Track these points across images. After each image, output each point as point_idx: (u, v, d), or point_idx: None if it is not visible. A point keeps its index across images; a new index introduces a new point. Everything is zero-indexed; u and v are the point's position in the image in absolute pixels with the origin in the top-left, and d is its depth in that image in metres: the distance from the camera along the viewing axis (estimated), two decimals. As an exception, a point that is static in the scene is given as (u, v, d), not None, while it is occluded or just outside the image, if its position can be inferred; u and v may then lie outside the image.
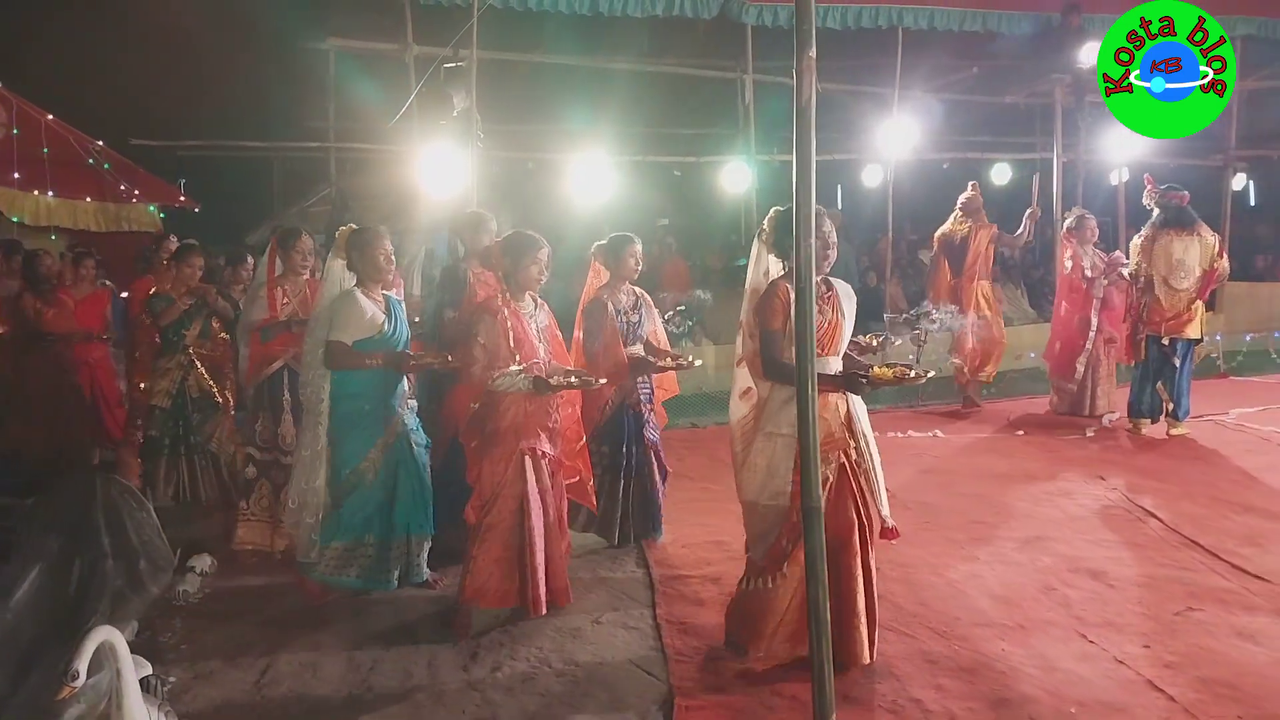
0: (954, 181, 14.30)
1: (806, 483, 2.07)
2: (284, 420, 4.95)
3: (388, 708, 3.44)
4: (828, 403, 3.52)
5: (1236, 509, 5.30)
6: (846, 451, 3.56)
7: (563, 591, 4.17)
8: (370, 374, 4.24)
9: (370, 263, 4.28)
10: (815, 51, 1.80)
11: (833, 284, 3.68)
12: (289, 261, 5.01)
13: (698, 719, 3.26)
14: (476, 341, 3.96)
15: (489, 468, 4.00)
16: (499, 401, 3.99)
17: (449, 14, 8.63)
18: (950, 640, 3.77)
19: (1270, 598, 4.07)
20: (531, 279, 4.12)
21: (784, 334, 3.49)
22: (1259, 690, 3.27)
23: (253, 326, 4.94)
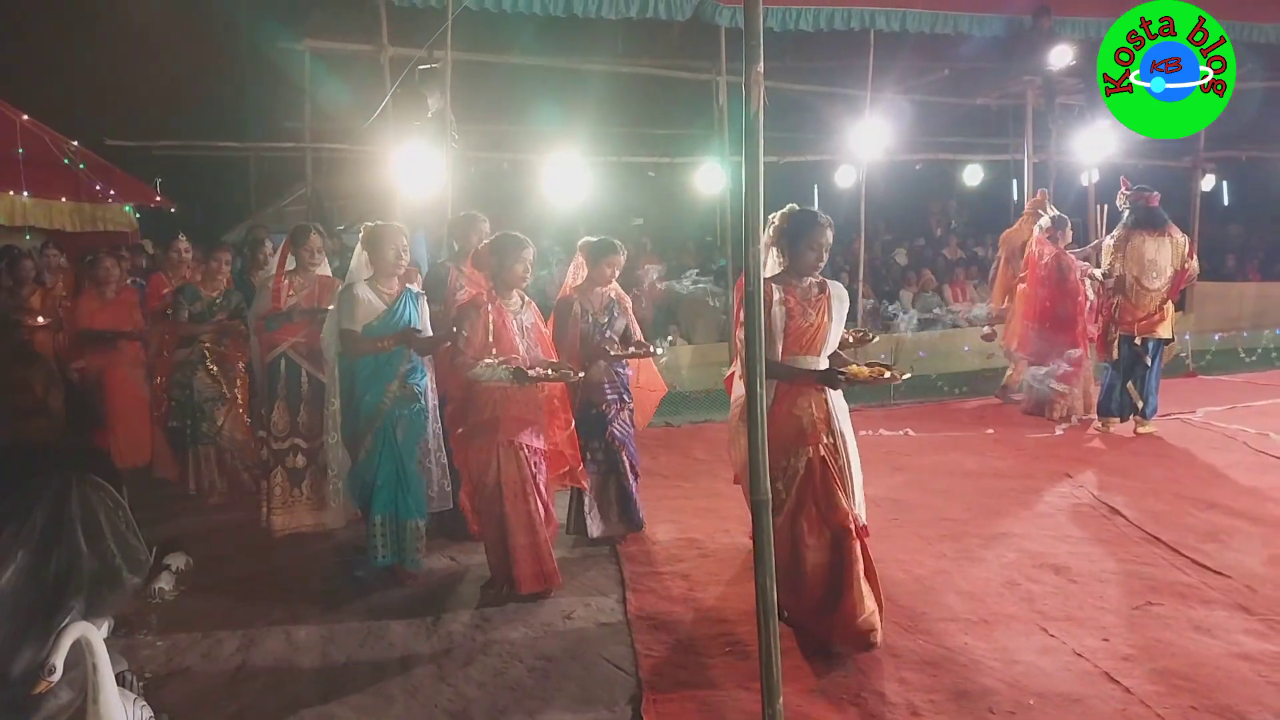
0: (927, 182, 14.52)
1: (754, 479, 2.12)
2: (279, 407, 5.23)
3: (363, 701, 3.49)
4: (800, 400, 3.73)
5: (1200, 506, 5.40)
6: (818, 445, 3.72)
7: (552, 574, 4.37)
8: (366, 360, 4.50)
9: (380, 258, 4.56)
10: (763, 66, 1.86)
11: (826, 286, 3.84)
12: (300, 257, 5.27)
13: (666, 711, 3.31)
14: (461, 335, 4.25)
15: (473, 457, 4.33)
16: (478, 395, 4.29)
17: (424, 15, 8.63)
18: (915, 634, 3.84)
19: (1228, 592, 4.17)
20: (517, 277, 4.40)
21: (767, 328, 3.60)
22: (1212, 681, 3.36)
23: (259, 316, 5.30)
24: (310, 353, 5.21)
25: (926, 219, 14.99)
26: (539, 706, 3.42)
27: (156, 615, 4.34)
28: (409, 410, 4.57)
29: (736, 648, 3.80)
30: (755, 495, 2.11)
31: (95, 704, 3.02)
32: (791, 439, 3.74)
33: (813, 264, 3.82)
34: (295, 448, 5.25)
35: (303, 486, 5.25)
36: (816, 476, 3.72)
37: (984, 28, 10.51)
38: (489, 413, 4.28)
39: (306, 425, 5.22)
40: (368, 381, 4.52)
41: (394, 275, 4.63)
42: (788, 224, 3.88)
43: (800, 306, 3.75)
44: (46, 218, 10.21)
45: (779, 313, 3.73)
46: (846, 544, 3.65)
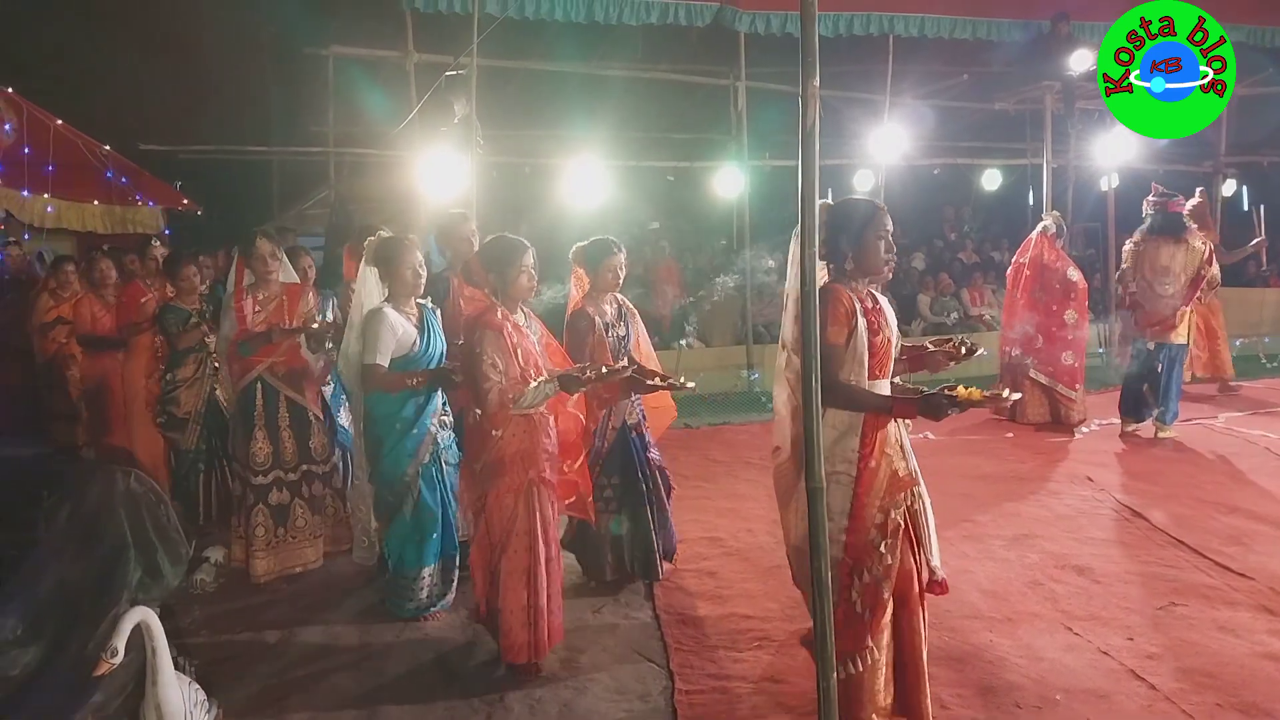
0: (945, 187, 14.56)
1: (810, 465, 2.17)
2: (257, 437, 4.69)
3: (402, 689, 3.60)
4: (889, 434, 3.03)
5: (1222, 510, 5.45)
6: (913, 490, 3.06)
7: (558, 630, 3.78)
8: (407, 395, 4.05)
9: (398, 278, 4.07)
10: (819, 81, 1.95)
11: (878, 297, 3.17)
12: (253, 269, 4.77)
13: (696, 702, 3.40)
14: (484, 360, 3.54)
15: (495, 502, 3.62)
16: (505, 427, 3.60)
17: (448, 21, 8.77)
18: (941, 632, 3.91)
19: (1252, 594, 4.22)
20: (523, 290, 3.75)
21: (846, 349, 2.98)
22: (1236, 679, 3.42)
23: (226, 340, 4.75)
24: (289, 374, 4.78)
25: (942, 223, 15.03)
26: (573, 696, 3.51)
27: (198, 606, 4.47)
28: (449, 439, 4.28)
29: (764, 642, 3.88)
30: (811, 483, 2.16)
31: (155, 686, 3.14)
32: (889, 485, 3.00)
33: (884, 255, 3.08)
34: (279, 481, 4.73)
35: (288, 525, 4.75)
36: (909, 530, 3.04)
37: (1003, 33, 10.60)
38: (516, 445, 3.60)
39: (291, 455, 4.74)
40: (412, 416, 4.06)
41: (413, 296, 4.14)
42: (843, 215, 3.13)
43: (876, 317, 3.06)
44: (79, 220, 10.43)
45: (862, 325, 2.99)
46: (907, 612, 3.04)
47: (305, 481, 4.82)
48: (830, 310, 2.94)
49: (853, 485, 2.97)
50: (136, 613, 3.17)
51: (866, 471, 2.97)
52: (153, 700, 3.15)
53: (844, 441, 2.99)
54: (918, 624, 3.05)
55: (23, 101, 9.76)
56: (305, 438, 4.80)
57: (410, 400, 4.07)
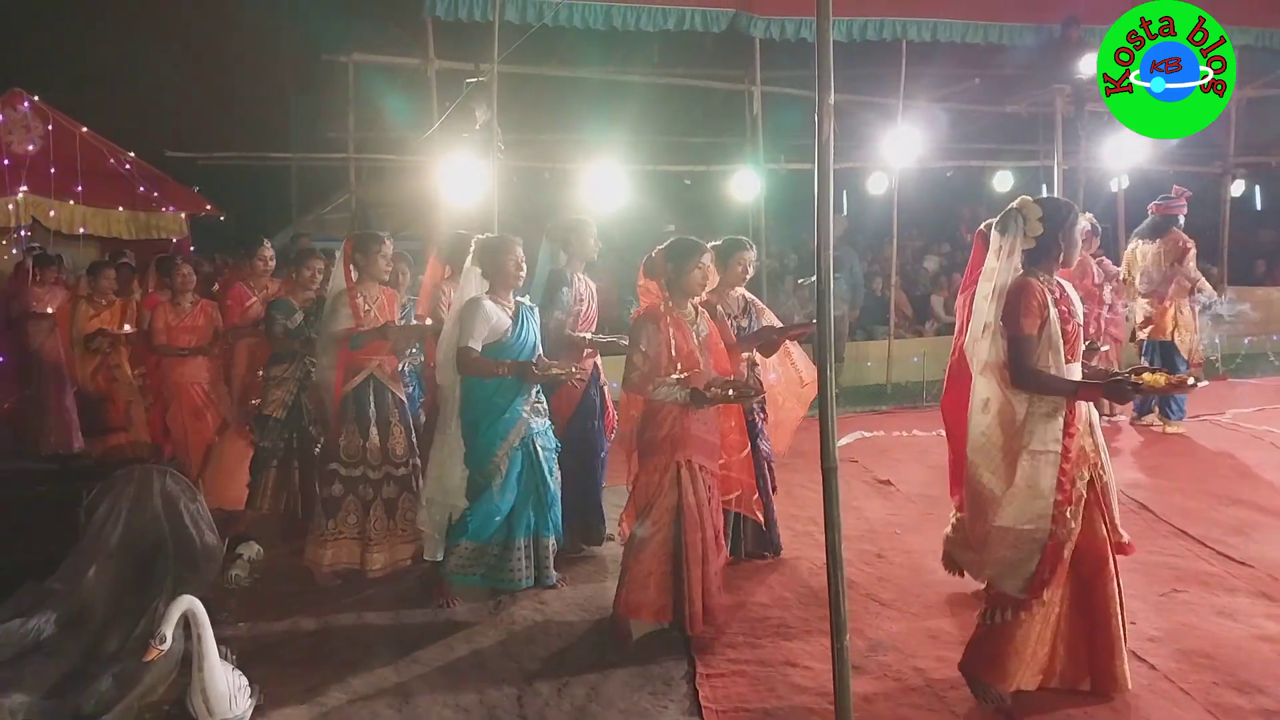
0: (957, 189, 14.67)
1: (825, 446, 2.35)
2: (371, 434, 4.78)
3: (433, 675, 3.77)
4: (1080, 413, 3.29)
5: (1226, 502, 5.59)
6: (1096, 467, 3.34)
7: (719, 609, 4.01)
8: (498, 380, 4.30)
9: (500, 270, 4.37)
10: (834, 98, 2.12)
11: (1065, 286, 3.43)
12: (370, 268, 4.84)
13: (718, 685, 3.57)
14: (638, 349, 3.94)
15: (644, 478, 3.98)
16: (658, 411, 3.94)
17: (468, 28, 8.97)
18: (949, 619, 4.08)
19: (1251, 581, 4.36)
20: (695, 285, 4.08)
21: (1040, 338, 3.26)
22: (1233, 660, 3.57)
23: (339, 336, 4.76)
24: (393, 373, 4.95)
25: (956, 225, 15.13)
26: (599, 680, 3.67)
27: (235, 600, 4.65)
28: (543, 426, 4.51)
29: (782, 629, 4.05)
30: (826, 463, 2.34)
31: (200, 671, 3.31)
32: (1076, 460, 3.28)
33: (1079, 247, 3.51)
34: (389, 476, 4.82)
35: (396, 517, 4.82)
36: (1093, 500, 3.33)
37: (1014, 37, 10.75)
38: (668, 429, 3.92)
39: (396, 450, 4.84)
40: (508, 399, 4.34)
41: (512, 289, 4.45)
42: (1048, 213, 3.35)
43: (1065, 307, 3.34)
44: (104, 226, 10.66)
45: (1054, 315, 3.27)
46: (1103, 578, 3.30)
47: (415, 474, 4.90)
48: (1025, 303, 3.24)
49: (1059, 462, 3.25)
50: (184, 601, 3.33)
51: (1067, 448, 3.25)
52: (199, 684, 3.30)
53: (1050, 423, 3.26)
54: (1112, 590, 3.30)
55: (50, 110, 10.03)
56: (410, 432, 4.94)
57: (501, 386, 4.32)
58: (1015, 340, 3.24)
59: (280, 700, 3.60)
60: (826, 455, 2.31)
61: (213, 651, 3.31)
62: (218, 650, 3.41)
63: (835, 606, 2.38)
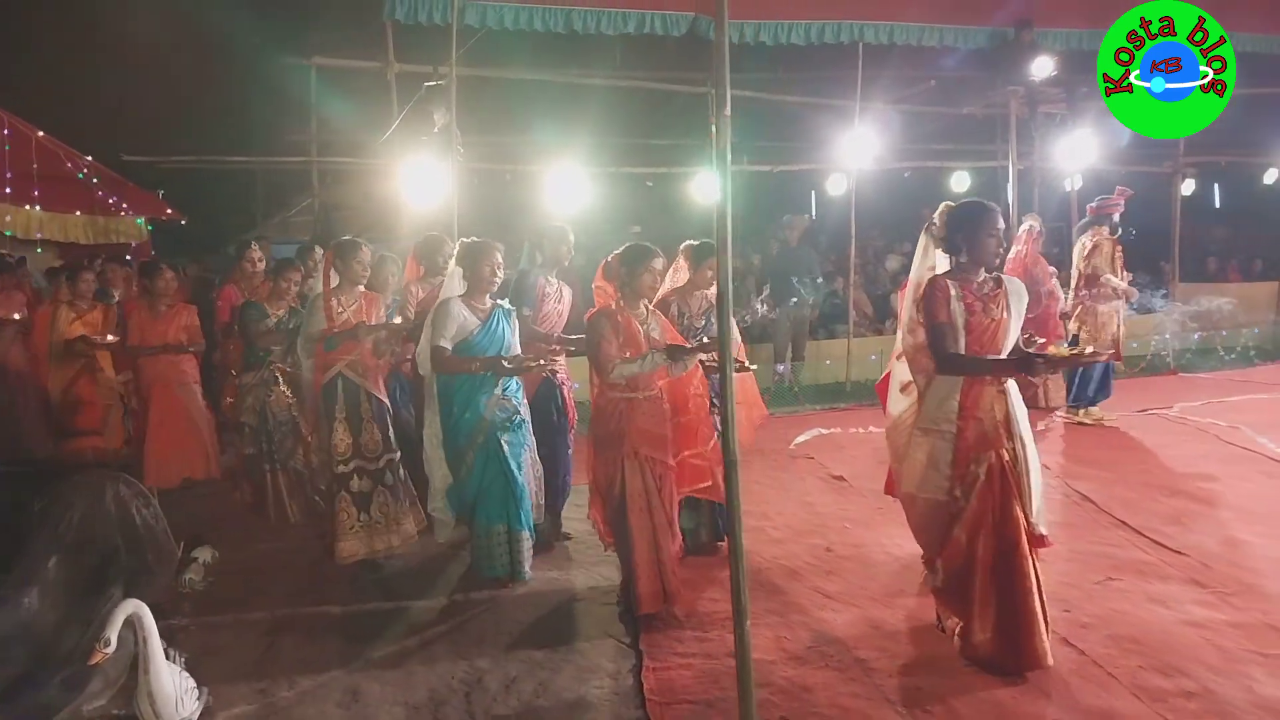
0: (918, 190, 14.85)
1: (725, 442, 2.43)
2: (339, 430, 4.93)
3: (385, 674, 3.81)
4: (982, 401, 3.57)
5: (1166, 493, 5.74)
6: (1000, 451, 3.56)
7: (674, 593, 4.20)
8: (463, 376, 4.57)
9: (475, 273, 4.64)
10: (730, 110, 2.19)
11: (1002, 281, 3.70)
12: (347, 273, 5.03)
13: (663, 678, 3.64)
14: (598, 344, 4.21)
15: (600, 469, 4.29)
16: (605, 408, 4.25)
17: (428, 32, 8.98)
18: (893, 609, 4.18)
19: (1184, 569, 4.50)
20: (646, 287, 4.35)
21: (950, 326, 3.56)
22: (1160, 644, 3.70)
23: (314, 337, 4.97)
24: (366, 370, 5.04)
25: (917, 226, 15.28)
26: (548, 676, 3.73)
27: (188, 603, 4.67)
28: (512, 422, 4.65)
29: (729, 622, 4.08)
30: (727, 457, 2.43)
31: (146, 675, 3.33)
32: (974, 443, 3.57)
33: (994, 251, 3.67)
34: (360, 470, 4.96)
35: (371, 510, 4.96)
36: (995, 484, 3.55)
37: (969, 40, 10.91)
38: (615, 424, 4.22)
39: (369, 445, 4.98)
40: (469, 396, 4.57)
41: (488, 291, 4.68)
42: (961, 217, 3.68)
43: (979, 303, 3.60)
44: (61, 230, 10.52)
45: (958, 309, 3.58)
46: (1017, 558, 3.50)
47: (390, 469, 5.05)
48: (931, 296, 3.61)
49: (953, 441, 3.60)
50: (128, 605, 3.36)
51: (962, 430, 3.59)
52: (145, 688, 3.33)
53: (946, 405, 3.63)
54: (1027, 570, 3.50)
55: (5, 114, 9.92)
56: (385, 428, 5.06)
57: (463, 385, 4.59)
58: (931, 329, 3.61)
59: (229, 701, 3.64)
60: (727, 451, 2.40)
61: (159, 655, 3.34)
62: (165, 653, 3.44)
63: (736, 594, 2.50)
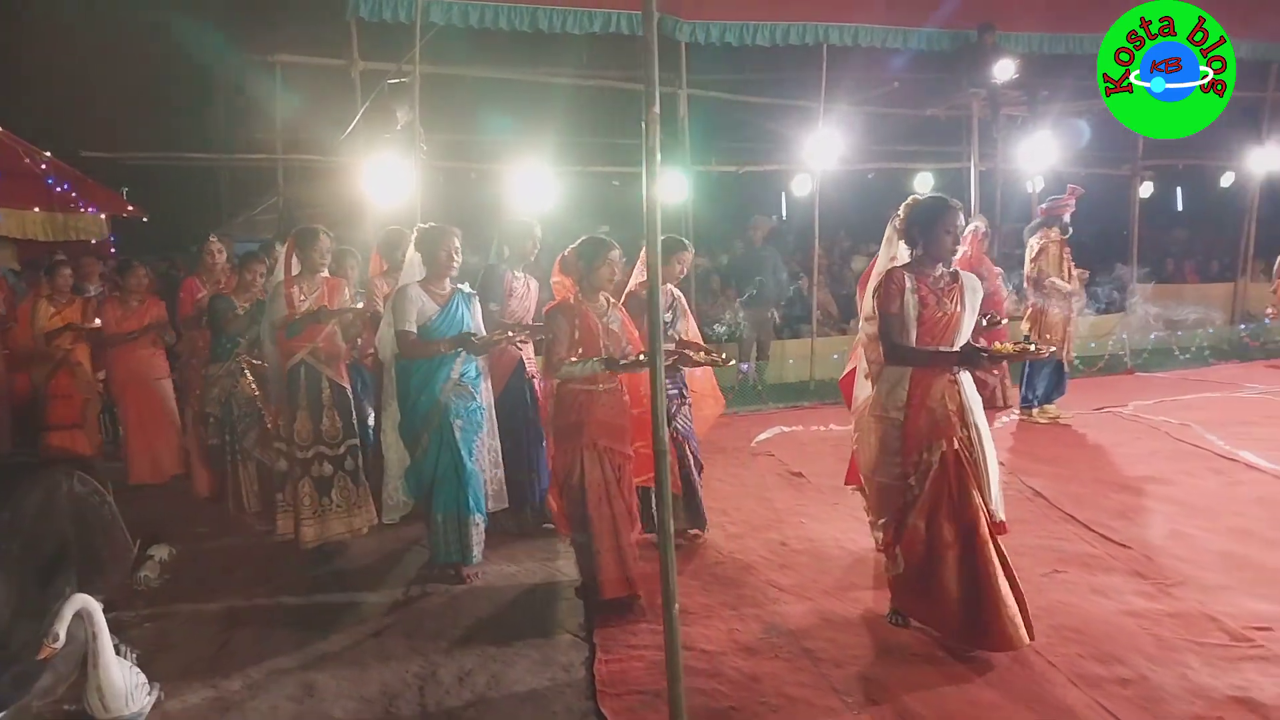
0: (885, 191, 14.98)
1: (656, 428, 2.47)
2: (301, 416, 5.00)
3: (340, 669, 3.82)
4: (932, 391, 3.66)
5: (1115, 489, 5.86)
6: (951, 439, 3.64)
7: (636, 579, 4.25)
8: (420, 360, 4.62)
9: (433, 258, 4.69)
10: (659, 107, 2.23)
11: (959, 276, 3.80)
12: (307, 261, 5.11)
13: (614, 669, 3.68)
14: (550, 338, 4.29)
15: (560, 459, 4.33)
16: (565, 398, 4.28)
17: (393, 30, 8.97)
18: (844, 601, 4.24)
19: (1128, 561, 4.60)
20: (603, 280, 4.36)
21: (900, 317, 3.67)
22: (1100, 633, 3.78)
23: (276, 324, 5.07)
24: (328, 357, 5.11)
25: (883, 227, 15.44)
26: (502, 669, 3.76)
27: (143, 600, 4.66)
28: (466, 408, 4.70)
29: (683, 614, 4.15)
30: (656, 445, 2.47)
31: (95, 669, 3.33)
32: (925, 432, 3.66)
33: (950, 248, 3.75)
34: (320, 455, 5.03)
35: (332, 495, 5.03)
36: (950, 472, 3.62)
37: (932, 42, 11.06)
38: (574, 416, 4.25)
39: (330, 432, 5.04)
40: (424, 380, 4.63)
41: (446, 276, 4.73)
42: (919, 212, 3.82)
43: (933, 296, 3.69)
44: (19, 227, 10.44)
45: (911, 301, 3.67)
46: (978, 543, 3.58)
47: (350, 455, 5.12)
48: (885, 287, 3.72)
49: (902, 428, 3.71)
50: (76, 600, 3.36)
51: (910, 417, 3.69)
52: (94, 682, 3.34)
53: (895, 393, 3.74)
54: (990, 554, 3.59)
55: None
56: (347, 415, 5.13)
57: (418, 371, 4.65)
58: (881, 318, 3.74)
59: (181, 696, 3.64)
60: (657, 440, 2.44)
61: (108, 649, 3.34)
62: (116, 649, 3.44)
63: (665, 578, 2.54)
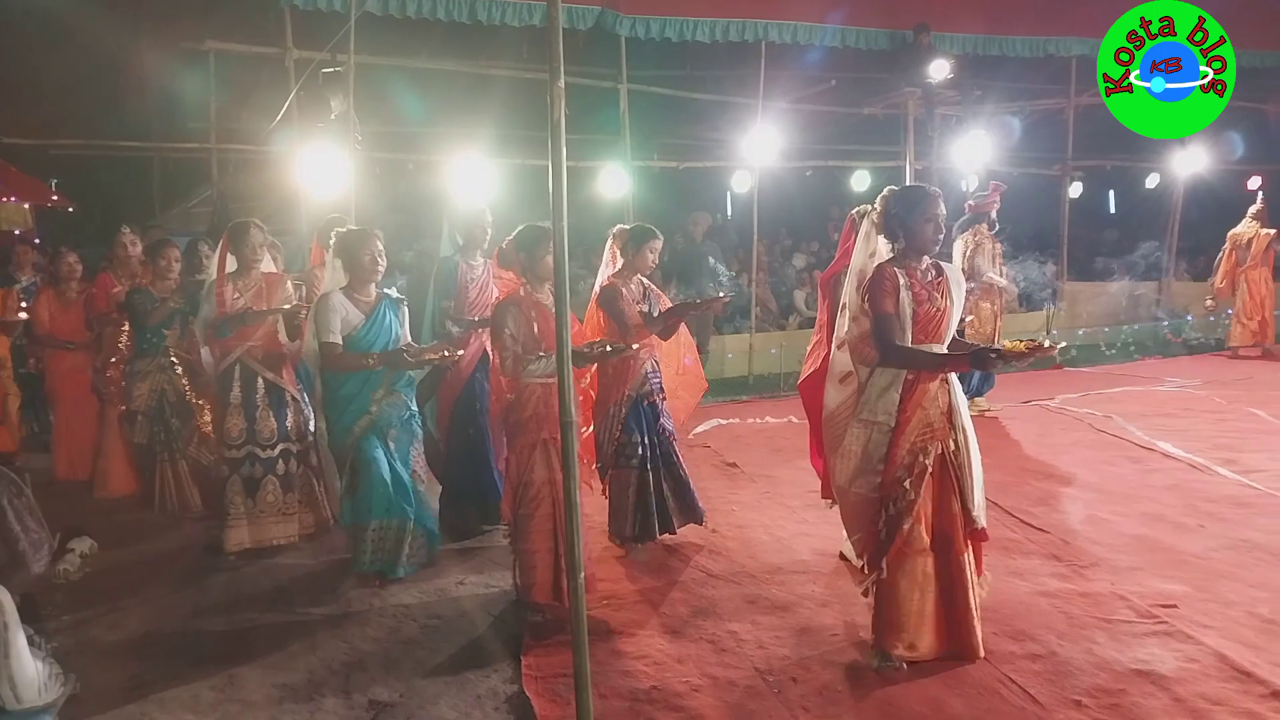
0: (825, 189, 15.20)
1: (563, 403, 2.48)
2: (235, 417, 4.90)
3: (266, 659, 3.78)
4: (927, 391, 3.45)
5: (1038, 477, 6.02)
6: (946, 443, 3.47)
7: (594, 578, 4.17)
8: (347, 374, 4.41)
9: (356, 263, 4.46)
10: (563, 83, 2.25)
11: (943, 269, 3.59)
12: (241, 256, 4.96)
13: (543, 657, 3.70)
14: (504, 334, 4.04)
15: (514, 458, 4.09)
16: (523, 392, 4.06)
17: (328, 19, 8.86)
18: (770, 585, 4.31)
19: (1045, 545, 4.75)
20: (548, 270, 4.07)
21: (896, 316, 3.43)
22: (1014, 613, 3.90)
23: (207, 324, 4.92)
24: (266, 357, 4.98)
25: (824, 225, 15.66)
26: (428, 656, 3.76)
27: (62, 595, 4.55)
28: (399, 416, 4.54)
29: (612, 601, 4.21)
30: (564, 418, 2.48)
31: (6, 659, 3.25)
32: (920, 433, 3.45)
33: (932, 237, 3.51)
34: (252, 456, 4.92)
35: (261, 497, 4.93)
36: (939, 476, 3.47)
37: (869, 41, 11.24)
38: (530, 409, 4.04)
39: (264, 433, 4.93)
40: (353, 392, 4.43)
41: (370, 282, 4.50)
42: (899, 202, 3.58)
43: (925, 291, 3.47)
44: (-64, 216, 10.10)
45: (906, 298, 3.44)
46: (954, 552, 3.47)
47: (282, 459, 4.99)
48: (878, 286, 3.46)
49: (891, 433, 3.45)
50: None
51: (902, 421, 3.45)
52: (4, 672, 3.25)
53: (886, 396, 3.49)
54: (964, 563, 3.47)
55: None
56: (283, 417, 4.99)
57: (352, 379, 4.44)
58: (877, 319, 3.45)
59: (100, 688, 3.58)
60: (564, 411, 2.47)
61: (19, 640, 3.26)
62: (30, 639, 3.36)
63: (571, 549, 2.57)
